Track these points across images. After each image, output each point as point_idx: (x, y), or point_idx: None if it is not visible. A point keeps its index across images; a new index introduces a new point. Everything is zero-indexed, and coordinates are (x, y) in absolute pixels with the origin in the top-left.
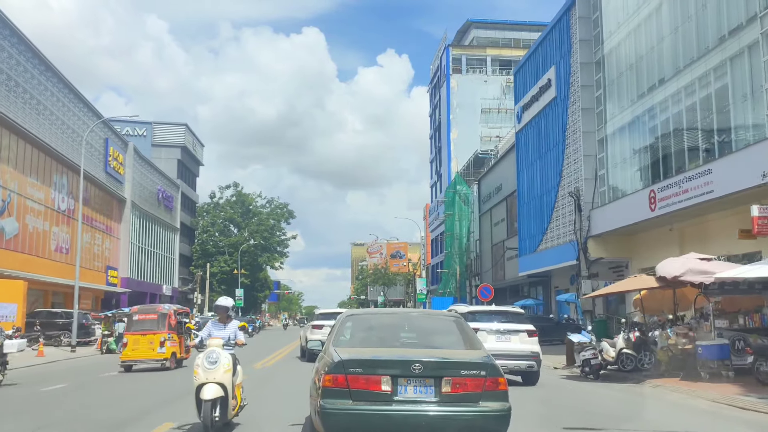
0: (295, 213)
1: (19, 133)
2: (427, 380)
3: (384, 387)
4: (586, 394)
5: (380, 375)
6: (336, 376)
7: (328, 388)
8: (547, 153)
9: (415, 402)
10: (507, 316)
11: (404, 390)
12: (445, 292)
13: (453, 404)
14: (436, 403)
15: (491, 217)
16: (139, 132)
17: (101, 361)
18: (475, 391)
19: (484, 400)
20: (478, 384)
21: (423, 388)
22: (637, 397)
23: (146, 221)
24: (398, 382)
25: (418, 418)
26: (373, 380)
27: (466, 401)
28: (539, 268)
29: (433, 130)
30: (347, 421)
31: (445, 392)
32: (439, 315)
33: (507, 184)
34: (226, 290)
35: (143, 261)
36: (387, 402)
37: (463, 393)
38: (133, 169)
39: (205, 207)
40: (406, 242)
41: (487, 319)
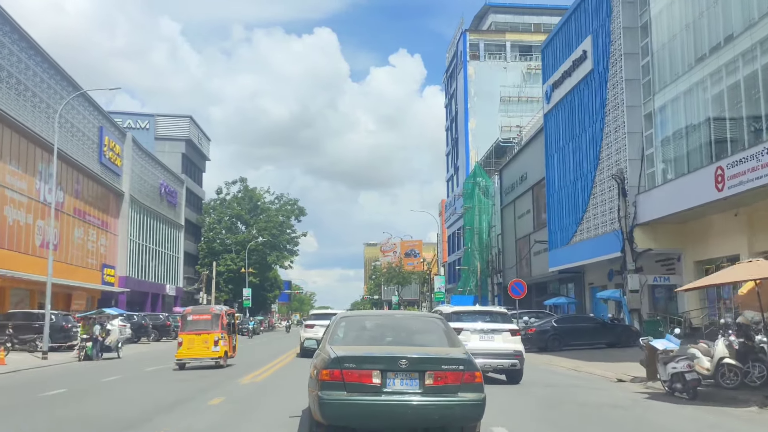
0: (306, 210)
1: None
2: (412, 374)
3: (374, 380)
4: (695, 424)
5: (371, 369)
6: (332, 371)
7: (325, 381)
8: (581, 134)
9: (402, 393)
10: (491, 316)
11: (392, 382)
12: (464, 291)
13: (435, 395)
14: (420, 394)
15: (515, 209)
16: (141, 125)
17: (71, 371)
18: (454, 383)
19: (462, 391)
20: (456, 377)
21: (408, 381)
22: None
23: (147, 217)
24: (387, 376)
25: (404, 407)
26: (365, 374)
27: (446, 392)
28: (573, 262)
29: (449, 121)
30: (342, 410)
31: (428, 384)
32: (423, 316)
33: (533, 173)
34: (234, 290)
35: (144, 259)
36: (377, 393)
37: (444, 385)
38: (132, 162)
39: (211, 204)
40: (420, 240)
41: (471, 319)
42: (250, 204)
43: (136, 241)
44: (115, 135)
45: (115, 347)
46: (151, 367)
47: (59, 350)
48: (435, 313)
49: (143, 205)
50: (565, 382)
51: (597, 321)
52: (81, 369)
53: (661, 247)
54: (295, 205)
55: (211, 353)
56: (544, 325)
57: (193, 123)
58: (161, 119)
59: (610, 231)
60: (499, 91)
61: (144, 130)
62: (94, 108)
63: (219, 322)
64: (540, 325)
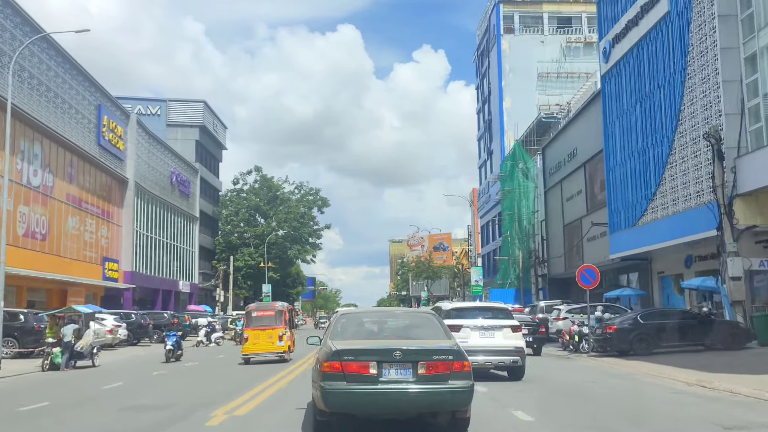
0: (329, 200)
1: None
2: (406, 364)
3: (371, 370)
4: None
5: (368, 361)
6: (333, 363)
7: (326, 373)
8: (653, 92)
9: (397, 382)
10: (492, 313)
11: (388, 372)
12: (504, 284)
13: (427, 383)
14: (413, 382)
15: (561, 190)
16: (152, 110)
17: (15, 388)
18: (445, 372)
19: (452, 379)
20: (447, 366)
21: (403, 371)
22: None
23: (157, 207)
24: (383, 366)
25: (399, 395)
26: (363, 365)
27: (438, 380)
28: (642, 246)
29: (481, 103)
30: (343, 398)
31: (420, 373)
32: (418, 312)
33: (585, 148)
34: (253, 286)
35: (154, 253)
36: (374, 382)
37: (435, 374)
38: (137, 146)
39: (228, 195)
40: (449, 233)
41: (471, 315)
42: (268, 194)
43: (143, 234)
44: (117, 115)
45: (88, 353)
46: (115, 383)
47: (30, 356)
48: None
49: (152, 194)
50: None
51: (693, 316)
52: (31, 384)
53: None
54: (317, 195)
55: (276, 348)
56: (626, 322)
57: (208, 108)
58: (173, 104)
59: (694, 206)
60: (536, 67)
61: (155, 116)
62: (90, 83)
63: (282, 318)
64: (621, 322)
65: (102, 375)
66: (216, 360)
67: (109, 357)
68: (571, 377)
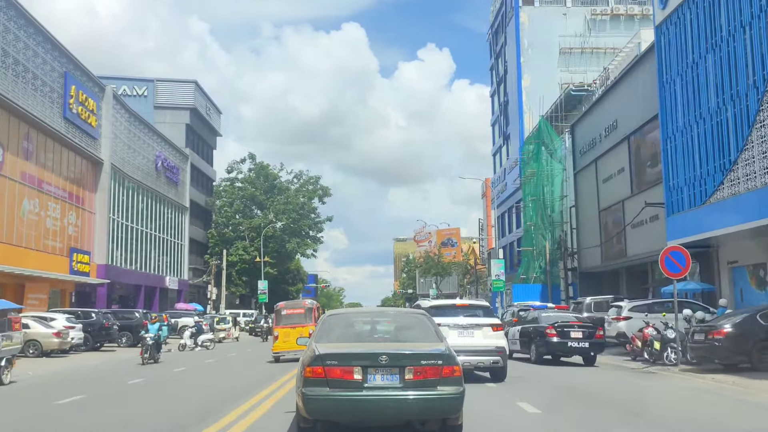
0: (330, 190)
1: None
2: (392, 369)
3: (356, 376)
4: None
5: (352, 366)
6: (315, 368)
7: (309, 378)
8: (734, 34)
9: (383, 388)
10: (471, 311)
11: (373, 378)
12: (528, 278)
13: (414, 389)
14: (400, 389)
15: (596, 171)
16: (138, 91)
17: None
18: (434, 377)
19: (441, 385)
20: (435, 371)
21: (389, 376)
22: None
23: (140, 195)
24: (368, 372)
25: (385, 401)
26: (347, 370)
27: (426, 386)
28: (713, 230)
29: (496, 84)
30: (326, 405)
31: (408, 379)
32: (409, 312)
33: (628, 118)
34: (248, 282)
35: (136, 245)
36: (358, 389)
37: (423, 379)
38: (113, 123)
39: (221, 185)
40: (458, 228)
41: (451, 313)
42: (265, 184)
43: (122, 223)
44: (89, 88)
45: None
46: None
47: None
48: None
49: (132, 179)
50: None
51: None
52: None
53: None
54: (318, 184)
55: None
56: (740, 325)
57: (200, 90)
58: (161, 85)
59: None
60: (557, 42)
61: (141, 97)
62: (53, 46)
63: (312, 316)
64: (734, 325)
65: (4, 398)
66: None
67: (53, 366)
68: (703, 412)
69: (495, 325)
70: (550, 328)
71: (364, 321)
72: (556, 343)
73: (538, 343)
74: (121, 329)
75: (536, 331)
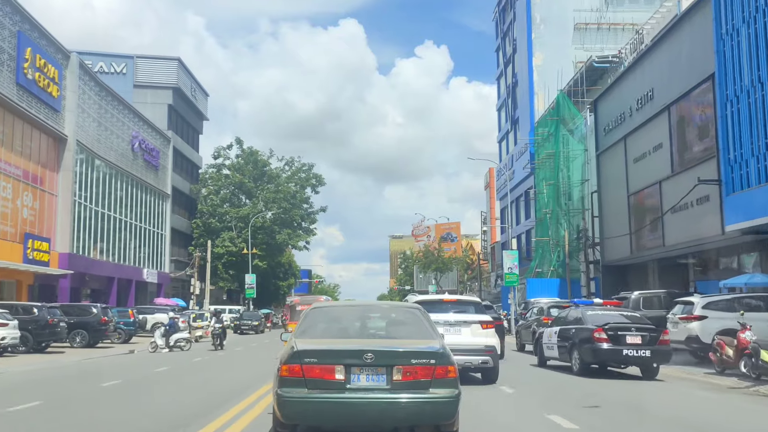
0: (324, 178)
1: None
2: (379, 369)
3: (338, 376)
4: None
5: (334, 364)
6: (292, 366)
7: (284, 378)
8: None
9: (367, 390)
10: (459, 306)
11: (357, 378)
12: (544, 272)
13: (403, 391)
14: (387, 391)
15: (626, 149)
16: (116, 68)
17: None
18: (425, 378)
19: (434, 387)
20: (427, 372)
21: (375, 377)
22: None
23: (113, 178)
24: (351, 371)
25: (370, 405)
26: (327, 369)
27: (417, 388)
28: None
29: (503, 65)
30: (303, 409)
31: (396, 380)
32: (401, 306)
33: (669, 85)
34: (236, 276)
35: (107, 233)
36: (340, 390)
37: (414, 380)
38: (80, 96)
39: (208, 172)
40: (458, 222)
41: (438, 309)
42: (254, 171)
43: (91, 208)
44: (50, 53)
45: None
46: None
47: None
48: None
49: (105, 160)
50: None
51: None
52: None
53: None
54: (311, 172)
55: None
56: None
57: (183, 68)
58: (142, 62)
59: None
60: (572, 17)
61: (120, 74)
62: (3, 2)
63: None
64: None
65: None
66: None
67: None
68: None
69: (485, 323)
70: (599, 331)
71: (352, 315)
72: (607, 351)
73: (583, 350)
74: (75, 327)
75: (580, 335)
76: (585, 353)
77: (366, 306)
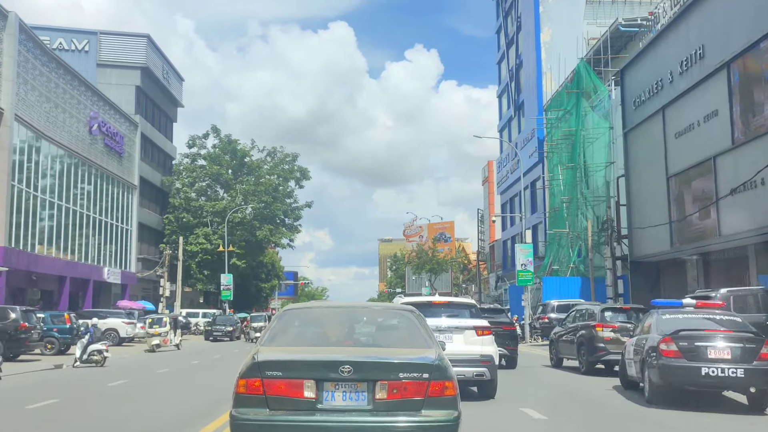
0: (309, 172)
1: None
2: (358, 384)
3: (306, 393)
4: None
5: (302, 379)
6: (250, 381)
7: (241, 395)
8: None
9: (344, 411)
10: (451, 309)
11: (331, 396)
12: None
13: (389, 413)
14: (368, 412)
15: (664, 123)
16: (77, 45)
17: None
18: (417, 397)
19: (427, 408)
20: (419, 388)
21: (353, 394)
22: None
23: (65, 162)
24: (324, 387)
25: (345, 430)
26: (294, 385)
27: (406, 409)
28: None
29: (505, 47)
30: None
31: (379, 399)
32: (391, 308)
33: (725, 39)
34: (212, 277)
35: (57, 226)
36: (309, 411)
37: (402, 399)
38: (21, 64)
39: (182, 163)
40: (452, 221)
41: (428, 313)
42: (233, 162)
43: (35, 195)
44: None
45: None
46: None
47: None
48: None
49: (52, 140)
50: None
51: None
52: None
53: None
54: (294, 164)
55: None
56: None
57: (153, 47)
58: (106, 39)
59: None
60: None
61: (81, 52)
62: None
63: None
64: None
65: None
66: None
67: None
68: None
69: (480, 328)
70: (667, 341)
71: (334, 318)
72: (678, 369)
73: (651, 369)
74: None
75: (648, 346)
76: (653, 373)
77: (350, 307)
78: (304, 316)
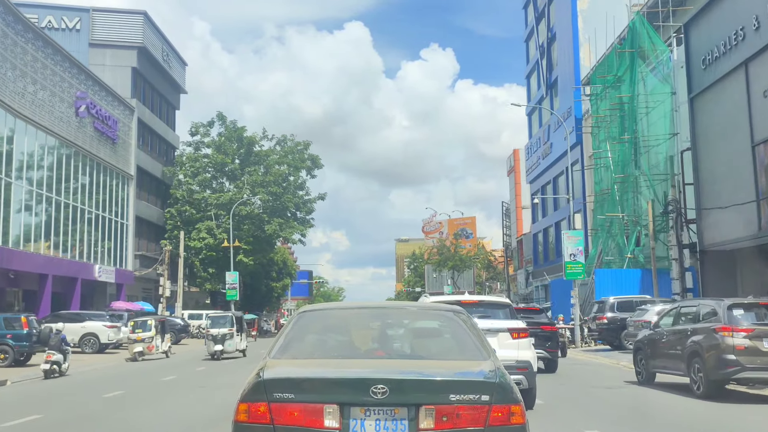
0: (321, 160)
1: None
2: (396, 410)
3: (328, 422)
4: None
5: (323, 402)
6: (253, 406)
7: (241, 425)
8: None
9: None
10: (487, 310)
11: (360, 426)
12: (613, 261)
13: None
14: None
15: (747, 81)
16: (68, 23)
17: None
18: (474, 426)
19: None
20: (477, 416)
21: (390, 423)
22: None
23: (47, 147)
24: (350, 414)
25: None
26: (312, 411)
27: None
28: None
29: (535, 19)
30: None
31: (425, 429)
32: (430, 308)
33: None
34: (217, 275)
35: (39, 219)
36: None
37: (455, 430)
38: None
39: (185, 153)
40: (473, 216)
41: None
42: (240, 151)
43: (13, 183)
44: None
45: None
46: None
47: None
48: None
49: (29, 120)
50: None
51: None
52: None
53: None
54: (306, 152)
55: None
56: None
57: (151, 25)
58: (99, 16)
59: None
60: None
61: (73, 31)
62: None
63: None
64: None
65: None
66: None
67: None
68: None
69: (516, 331)
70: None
71: (359, 322)
72: None
73: None
74: None
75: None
76: None
77: (380, 308)
78: (324, 319)
